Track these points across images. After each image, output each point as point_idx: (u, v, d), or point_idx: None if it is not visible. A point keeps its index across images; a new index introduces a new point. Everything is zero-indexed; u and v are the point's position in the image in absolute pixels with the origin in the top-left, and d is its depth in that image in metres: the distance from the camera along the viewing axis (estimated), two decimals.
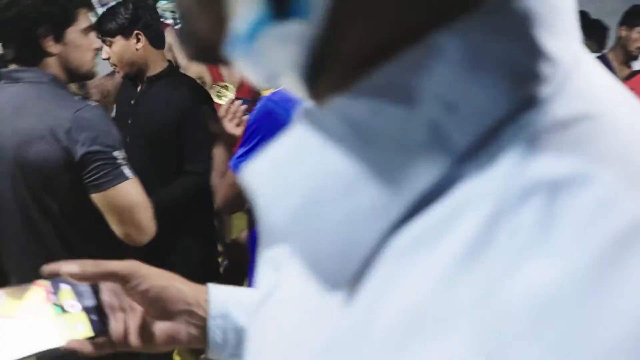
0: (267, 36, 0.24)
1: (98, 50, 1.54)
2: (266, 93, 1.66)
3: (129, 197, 1.35)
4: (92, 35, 1.48)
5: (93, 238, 1.41)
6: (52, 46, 1.38)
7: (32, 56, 1.39)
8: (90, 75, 1.55)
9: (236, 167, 1.49)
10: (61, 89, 1.41)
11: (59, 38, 1.39)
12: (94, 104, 1.42)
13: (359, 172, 0.23)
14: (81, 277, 0.55)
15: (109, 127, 1.37)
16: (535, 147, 0.21)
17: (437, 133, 0.22)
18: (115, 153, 1.33)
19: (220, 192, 1.59)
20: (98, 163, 1.32)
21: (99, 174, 1.33)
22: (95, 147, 1.32)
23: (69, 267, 0.55)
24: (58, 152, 1.32)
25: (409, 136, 0.22)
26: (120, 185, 1.33)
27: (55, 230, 1.41)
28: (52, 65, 1.40)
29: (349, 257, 0.23)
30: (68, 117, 1.31)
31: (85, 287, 0.59)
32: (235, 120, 1.68)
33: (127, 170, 1.34)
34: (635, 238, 0.19)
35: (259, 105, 1.50)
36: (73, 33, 1.41)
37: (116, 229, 1.36)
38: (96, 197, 1.34)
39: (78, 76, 1.50)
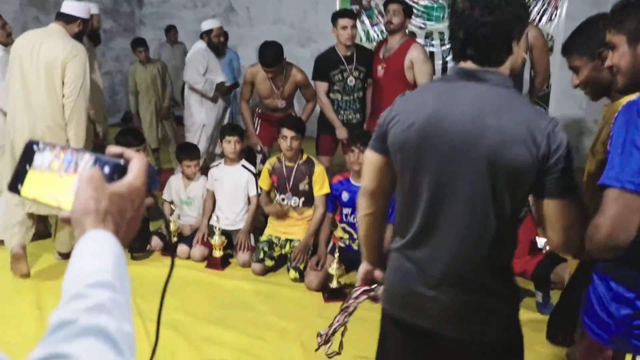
0: None
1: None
2: None
3: (569, 212, 1.42)
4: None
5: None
6: (515, 47, 1.51)
7: (499, 56, 1.51)
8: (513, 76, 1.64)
9: None
10: (521, 96, 1.53)
11: (519, 39, 1.51)
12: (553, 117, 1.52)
13: None
14: None
15: (568, 145, 1.44)
16: None
17: None
18: (572, 167, 1.42)
19: None
20: (560, 174, 1.41)
21: (557, 183, 1.42)
22: (564, 157, 1.41)
23: None
24: (532, 157, 1.41)
25: None
26: (568, 199, 1.42)
27: (498, 229, 1.50)
28: (506, 66, 1.52)
29: None
30: (546, 125, 1.42)
31: None
32: None
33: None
34: None
35: None
36: (523, 34, 1.53)
37: (549, 234, 1.47)
38: (547, 203, 1.44)
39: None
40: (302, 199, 4.01)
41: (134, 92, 6.55)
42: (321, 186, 3.93)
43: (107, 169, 0.77)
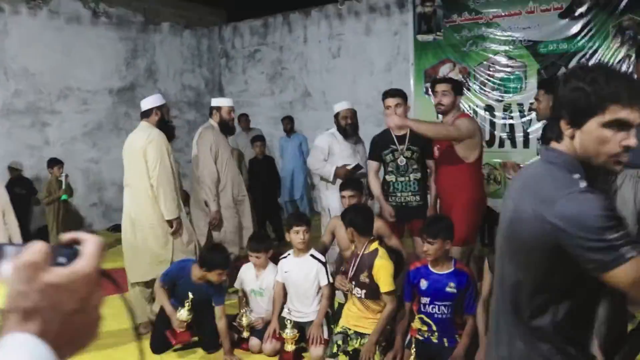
0: None
1: (627, 147, 1.46)
2: None
3: (625, 279, 1.33)
4: (622, 133, 1.45)
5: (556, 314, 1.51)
6: (566, 129, 1.50)
7: (554, 134, 1.55)
8: (609, 170, 1.51)
9: None
10: (566, 172, 1.48)
11: (575, 123, 1.48)
12: (585, 187, 1.42)
13: None
14: None
15: (595, 213, 1.35)
16: None
17: None
18: (608, 236, 1.32)
19: None
20: (584, 247, 1.35)
21: (589, 256, 1.35)
22: (577, 229, 1.35)
23: None
24: (539, 230, 1.42)
25: None
26: (616, 270, 1.33)
27: (513, 296, 1.58)
28: (567, 146, 1.51)
29: None
30: (556, 199, 1.40)
31: None
32: None
33: (616, 254, 1.32)
34: None
35: None
36: (593, 123, 1.45)
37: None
38: (605, 278, 1.36)
39: (590, 165, 1.50)
40: (364, 291, 3.71)
41: None
42: (384, 283, 3.61)
43: (61, 259, 0.68)
